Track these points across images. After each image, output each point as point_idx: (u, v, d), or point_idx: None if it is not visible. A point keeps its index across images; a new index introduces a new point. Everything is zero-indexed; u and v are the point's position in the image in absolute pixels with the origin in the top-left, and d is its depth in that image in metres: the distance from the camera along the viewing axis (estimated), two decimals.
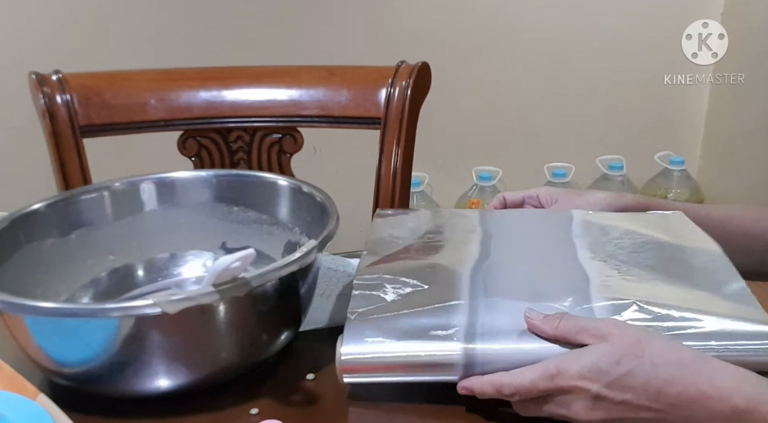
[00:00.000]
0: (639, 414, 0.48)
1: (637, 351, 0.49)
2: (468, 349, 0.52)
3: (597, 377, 0.48)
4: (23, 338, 0.56)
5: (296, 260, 0.55)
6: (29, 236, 0.67)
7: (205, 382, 0.57)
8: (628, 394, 0.48)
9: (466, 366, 0.53)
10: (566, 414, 0.50)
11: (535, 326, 0.53)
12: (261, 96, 1.01)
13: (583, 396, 0.49)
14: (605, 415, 0.49)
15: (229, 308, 0.55)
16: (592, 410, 0.49)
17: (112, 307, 0.53)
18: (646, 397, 0.48)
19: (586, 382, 0.49)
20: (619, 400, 0.48)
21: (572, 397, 0.49)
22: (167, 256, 0.76)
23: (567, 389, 0.49)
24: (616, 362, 0.48)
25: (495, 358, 0.52)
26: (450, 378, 0.53)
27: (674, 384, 0.47)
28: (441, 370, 0.53)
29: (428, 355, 0.53)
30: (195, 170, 0.84)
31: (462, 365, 0.53)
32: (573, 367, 0.49)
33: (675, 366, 0.48)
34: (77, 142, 0.96)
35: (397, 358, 0.54)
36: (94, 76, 1.00)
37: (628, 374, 0.48)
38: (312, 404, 0.57)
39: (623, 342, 0.49)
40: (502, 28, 1.96)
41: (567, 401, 0.50)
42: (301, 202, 0.72)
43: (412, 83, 0.97)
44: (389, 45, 1.81)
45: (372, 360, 0.54)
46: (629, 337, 0.49)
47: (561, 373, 0.49)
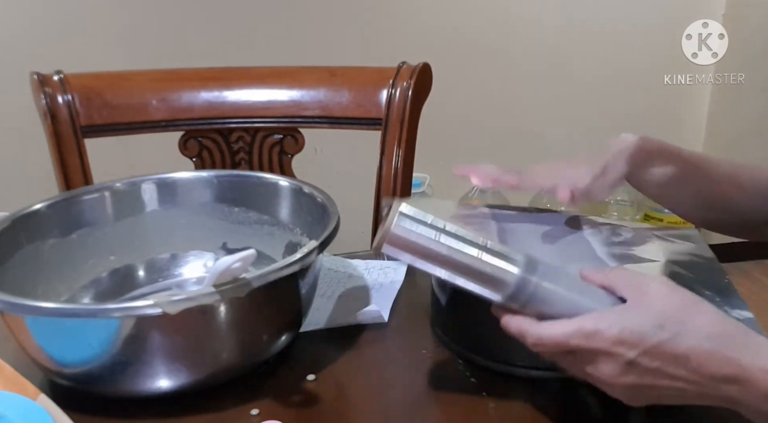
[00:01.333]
0: (672, 383, 0.46)
1: (683, 316, 0.46)
2: (525, 278, 0.49)
3: (636, 342, 0.45)
4: (24, 338, 0.56)
5: (297, 261, 0.55)
6: (30, 236, 0.67)
7: (205, 382, 0.57)
8: (666, 362, 0.45)
9: (514, 293, 0.50)
10: (591, 373, 0.48)
11: (586, 273, 0.51)
12: (262, 96, 1.01)
13: (616, 360, 0.46)
14: (635, 381, 0.46)
15: (230, 309, 0.55)
16: (622, 375, 0.46)
17: (113, 307, 0.53)
18: (684, 367, 0.45)
19: (623, 347, 0.46)
20: (654, 367, 0.46)
21: (604, 358, 0.47)
22: (168, 256, 0.76)
23: (601, 351, 0.46)
24: (659, 326, 0.45)
25: (544, 297, 0.50)
26: (491, 296, 0.51)
27: (716, 357, 0.45)
28: (489, 284, 0.50)
29: (486, 263, 0.50)
30: (196, 171, 0.83)
31: (511, 289, 0.50)
32: (612, 330, 0.46)
33: (720, 338, 0.45)
34: (78, 143, 0.96)
35: (453, 252, 0.50)
36: (96, 77, 1.00)
37: (669, 341, 0.45)
38: (312, 405, 0.57)
39: (671, 304, 0.46)
40: (503, 29, 1.96)
41: (596, 361, 0.47)
42: (302, 203, 0.72)
43: (414, 84, 0.97)
44: (390, 46, 1.82)
45: (426, 241, 0.50)
46: (677, 300, 0.47)
47: (599, 333, 0.46)
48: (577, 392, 0.57)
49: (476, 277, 0.50)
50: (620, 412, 0.54)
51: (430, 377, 0.62)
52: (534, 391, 0.57)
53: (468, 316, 0.61)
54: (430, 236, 0.50)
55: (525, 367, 0.58)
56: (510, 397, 0.58)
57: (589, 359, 0.47)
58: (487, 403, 0.56)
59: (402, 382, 0.60)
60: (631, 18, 2.02)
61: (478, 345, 0.61)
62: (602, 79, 2.03)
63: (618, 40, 2.02)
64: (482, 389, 0.58)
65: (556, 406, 0.56)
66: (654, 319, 0.46)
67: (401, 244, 0.50)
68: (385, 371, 0.62)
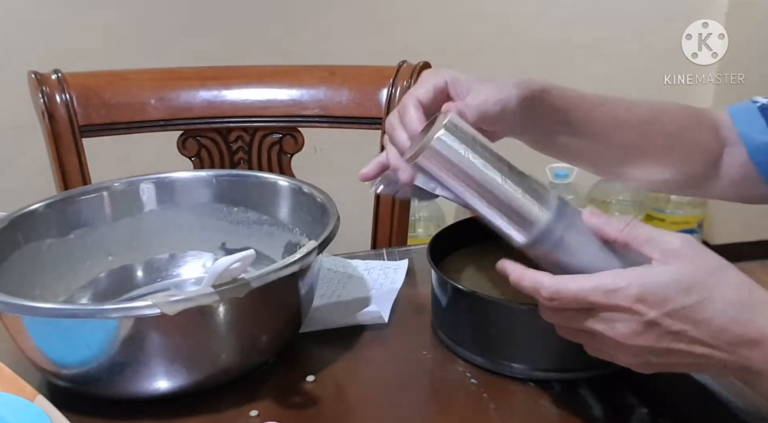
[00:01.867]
0: (691, 347, 0.44)
1: (711, 281, 0.44)
2: (553, 224, 0.47)
3: (659, 303, 0.43)
4: (22, 339, 0.56)
5: (296, 261, 0.55)
6: (28, 236, 0.67)
7: (204, 383, 0.57)
8: (687, 325, 0.43)
9: (540, 236, 0.48)
10: (604, 331, 0.46)
11: (598, 227, 0.48)
12: (261, 96, 1.00)
13: (635, 318, 0.44)
14: (652, 343, 0.45)
15: (229, 309, 0.54)
16: (639, 335, 0.44)
17: (111, 308, 0.52)
18: (705, 332, 0.43)
19: (644, 305, 0.44)
20: (674, 329, 0.44)
21: (621, 316, 0.44)
22: (167, 256, 0.75)
23: (619, 308, 0.44)
24: (685, 290, 0.43)
25: (569, 246, 0.48)
26: (514, 234, 0.49)
27: (741, 324, 0.43)
28: (516, 221, 0.48)
29: (521, 199, 0.48)
30: (195, 170, 0.83)
31: (537, 232, 0.48)
32: (633, 287, 0.44)
33: (747, 307, 0.44)
34: (77, 142, 0.96)
35: (490, 179, 0.48)
36: (94, 76, 1.00)
37: (694, 305, 0.43)
38: (312, 406, 0.57)
39: (698, 267, 0.44)
40: (503, 28, 1.96)
41: (613, 319, 0.45)
42: (302, 203, 0.72)
43: (414, 83, 0.97)
44: (390, 45, 1.81)
45: (466, 162, 0.47)
46: (705, 263, 0.44)
47: (620, 290, 0.44)
48: (577, 393, 0.57)
49: (506, 212, 0.48)
50: (621, 414, 0.54)
51: (430, 377, 0.62)
52: (534, 392, 0.57)
53: (468, 317, 0.60)
54: (470, 157, 0.47)
55: (525, 367, 0.58)
56: (510, 397, 0.57)
57: (606, 316, 0.45)
58: (487, 404, 0.56)
59: (402, 383, 0.60)
60: (631, 18, 2.01)
61: (478, 345, 0.60)
62: (602, 78, 2.02)
63: (618, 40, 2.02)
64: (482, 390, 0.58)
65: (556, 407, 0.55)
66: (680, 282, 0.44)
67: (439, 159, 0.47)
68: (385, 372, 0.62)
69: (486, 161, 0.48)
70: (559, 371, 0.58)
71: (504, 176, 0.48)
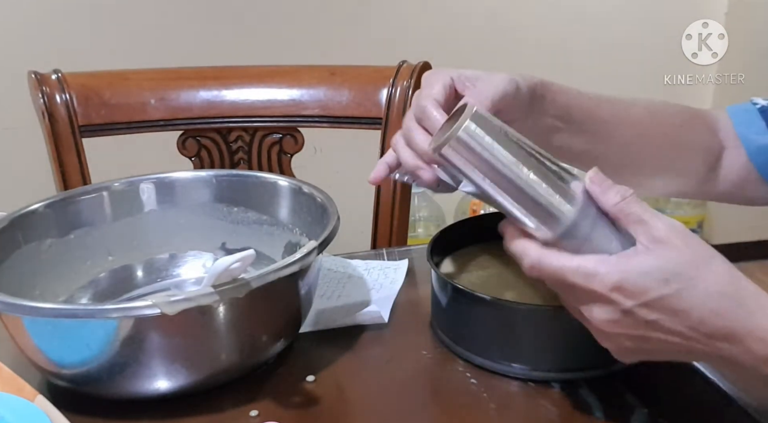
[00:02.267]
0: (667, 337, 0.44)
1: (692, 271, 0.43)
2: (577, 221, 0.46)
3: (637, 293, 0.43)
4: (22, 339, 0.56)
5: (296, 261, 0.55)
6: (28, 236, 0.67)
7: (204, 383, 0.57)
8: (663, 315, 0.43)
9: (564, 233, 0.46)
10: (582, 313, 0.46)
11: (595, 192, 0.47)
12: (261, 96, 1.00)
13: (611, 307, 0.44)
14: (627, 331, 0.45)
15: (229, 309, 0.54)
16: (614, 323, 0.44)
17: (111, 308, 0.52)
18: (681, 323, 0.43)
19: (621, 295, 0.43)
20: (650, 319, 0.43)
21: (599, 302, 0.44)
22: (167, 256, 0.75)
23: (597, 294, 0.44)
24: (665, 280, 0.43)
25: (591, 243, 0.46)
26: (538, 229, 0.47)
27: (721, 317, 0.42)
28: (540, 217, 0.47)
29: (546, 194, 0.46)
30: (195, 170, 0.83)
31: (562, 229, 0.46)
32: (612, 275, 0.43)
33: (729, 299, 0.43)
34: (76, 142, 0.96)
35: (516, 172, 0.46)
36: (94, 76, 1.00)
37: (673, 296, 0.43)
38: (312, 406, 0.57)
39: (681, 255, 0.43)
40: (503, 27, 1.96)
41: (591, 304, 0.45)
42: (302, 203, 0.72)
43: (414, 83, 0.97)
44: (390, 45, 1.81)
45: (493, 153, 0.46)
46: (690, 252, 0.44)
47: (598, 276, 0.44)
48: (577, 393, 0.57)
49: (530, 207, 0.47)
50: (621, 414, 0.54)
51: (430, 377, 0.62)
52: (534, 392, 0.57)
53: (468, 317, 0.60)
54: (497, 148, 0.46)
55: (525, 367, 0.58)
56: (510, 397, 0.57)
57: (584, 300, 0.45)
58: (487, 404, 0.56)
59: (402, 383, 0.60)
60: (631, 18, 2.02)
61: (478, 345, 0.60)
62: (602, 78, 2.02)
63: (618, 39, 2.02)
64: (482, 390, 0.58)
65: (556, 407, 0.55)
66: (661, 271, 0.43)
67: (465, 149, 0.46)
68: (385, 372, 0.62)
69: (512, 153, 0.47)
70: (559, 371, 0.58)
71: (530, 169, 0.47)
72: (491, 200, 0.48)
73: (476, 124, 0.47)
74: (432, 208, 1.97)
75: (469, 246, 0.72)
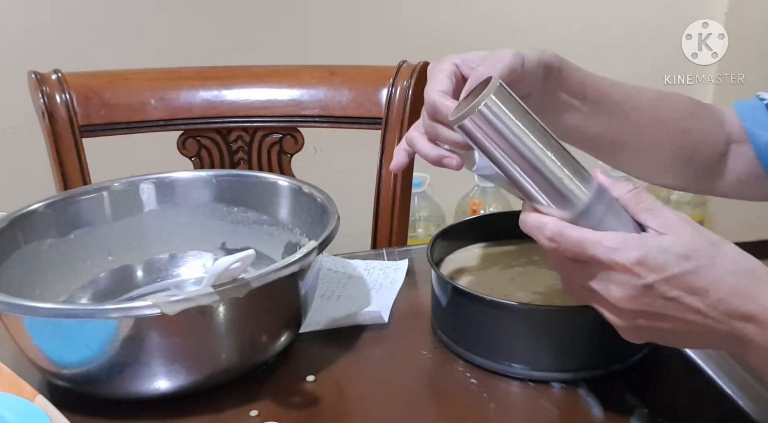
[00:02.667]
0: (685, 315, 0.44)
1: (710, 249, 0.43)
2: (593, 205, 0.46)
3: (659, 267, 0.43)
4: (22, 339, 0.56)
5: (296, 261, 0.55)
6: (28, 236, 0.67)
7: (204, 383, 0.57)
8: (684, 292, 0.43)
9: (579, 215, 0.46)
10: (599, 291, 0.45)
11: (605, 182, 0.47)
12: (261, 96, 1.00)
13: (631, 282, 0.44)
14: (645, 308, 0.44)
15: (229, 309, 0.54)
16: (633, 299, 0.44)
17: (111, 308, 0.52)
18: (701, 300, 0.43)
19: (643, 269, 0.43)
20: (670, 296, 0.43)
21: (618, 277, 0.44)
22: (167, 256, 0.75)
23: (618, 267, 0.44)
24: (685, 256, 0.43)
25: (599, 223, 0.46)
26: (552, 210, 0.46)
27: (738, 294, 0.43)
28: (555, 197, 0.46)
29: (563, 175, 0.46)
30: (195, 170, 0.83)
31: (577, 212, 0.46)
32: (635, 250, 0.43)
33: (746, 276, 0.43)
34: (77, 142, 0.96)
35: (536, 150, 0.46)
36: (94, 76, 1.00)
37: (694, 272, 0.43)
38: (312, 406, 0.57)
39: (695, 237, 0.44)
40: (503, 27, 1.96)
41: (609, 280, 0.44)
42: (302, 203, 0.72)
43: (414, 83, 0.97)
44: (390, 45, 1.81)
45: (513, 129, 0.45)
46: (703, 237, 0.44)
47: (621, 249, 0.43)
48: (576, 393, 0.57)
49: (546, 186, 0.46)
50: (621, 414, 0.54)
51: (430, 377, 0.62)
52: (534, 392, 0.57)
53: (468, 317, 0.60)
54: (518, 124, 0.45)
55: (525, 367, 0.58)
56: (510, 397, 0.57)
57: (602, 276, 0.45)
58: (487, 404, 0.56)
59: (402, 383, 0.60)
60: (631, 18, 2.01)
61: (478, 345, 0.60)
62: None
63: (618, 40, 2.02)
64: (482, 390, 0.58)
65: (556, 408, 0.55)
66: (680, 248, 0.43)
67: (486, 123, 0.45)
68: (385, 372, 0.62)
69: (534, 128, 0.46)
70: (559, 371, 0.58)
71: (549, 145, 0.46)
72: (508, 176, 0.47)
73: (499, 97, 0.46)
74: (432, 208, 1.97)
75: (469, 246, 0.72)
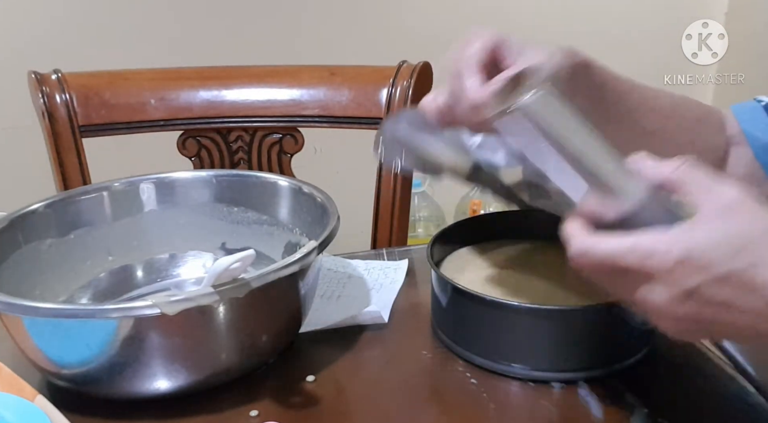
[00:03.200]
0: (741, 317, 0.38)
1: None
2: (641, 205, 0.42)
3: (704, 266, 0.37)
4: (22, 339, 0.56)
5: (296, 261, 0.55)
6: (28, 236, 0.67)
7: (204, 383, 0.57)
8: (737, 292, 0.37)
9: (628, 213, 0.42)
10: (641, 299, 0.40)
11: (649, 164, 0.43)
12: (261, 96, 1.00)
13: (673, 286, 0.38)
14: (693, 313, 0.39)
15: (229, 309, 0.54)
16: (677, 304, 0.38)
17: (111, 308, 0.52)
18: (761, 298, 0.37)
19: (684, 271, 0.37)
20: (721, 299, 0.37)
21: (658, 282, 0.39)
22: (167, 256, 0.75)
23: (657, 274, 0.38)
24: (735, 252, 0.37)
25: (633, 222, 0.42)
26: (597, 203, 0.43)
27: None
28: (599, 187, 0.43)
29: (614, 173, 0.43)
30: (195, 170, 0.83)
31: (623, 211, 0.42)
32: (672, 252, 0.38)
33: None
34: (76, 142, 0.96)
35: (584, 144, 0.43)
36: (94, 76, 1.00)
37: (745, 270, 0.37)
38: (312, 406, 0.57)
39: (754, 223, 0.38)
40: (503, 28, 1.94)
41: (649, 286, 0.39)
42: (302, 203, 0.72)
43: (414, 83, 0.97)
44: (390, 45, 1.81)
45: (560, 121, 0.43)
46: (762, 219, 0.38)
47: (657, 254, 0.38)
48: (577, 393, 0.57)
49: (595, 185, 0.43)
50: (621, 414, 0.54)
51: (430, 377, 0.62)
52: (534, 392, 0.57)
53: (468, 317, 0.60)
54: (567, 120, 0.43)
55: (525, 367, 0.58)
56: (510, 397, 0.57)
57: (641, 283, 0.39)
58: (487, 404, 0.56)
59: (402, 383, 0.60)
60: (631, 18, 2.01)
61: (478, 345, 0.60)
62: None
63: (618, 39, 2.02)
64: (482, 390, 0.58)
65: (556, 408, 0.55)
66: (730, 241, 0.37)
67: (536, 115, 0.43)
68: (385, 372, 0.62)
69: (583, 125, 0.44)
70: (559, 371, 0.58)
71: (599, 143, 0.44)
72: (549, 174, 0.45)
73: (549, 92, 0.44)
74: (432, 208, 1.97)
75: (469, 246, 0.72)
